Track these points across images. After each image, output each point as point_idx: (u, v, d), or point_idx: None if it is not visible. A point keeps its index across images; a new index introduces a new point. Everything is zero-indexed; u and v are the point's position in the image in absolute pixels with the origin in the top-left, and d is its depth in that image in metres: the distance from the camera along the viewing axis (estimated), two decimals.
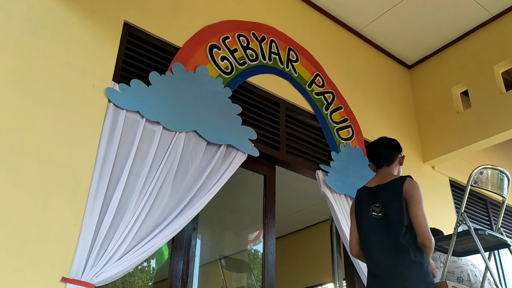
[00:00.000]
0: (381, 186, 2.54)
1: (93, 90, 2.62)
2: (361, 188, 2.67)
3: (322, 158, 3.75)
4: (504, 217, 5.23)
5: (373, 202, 2.52)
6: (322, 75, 4.02)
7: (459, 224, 2.95)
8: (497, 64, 4.44)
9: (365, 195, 2.60)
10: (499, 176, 3.12)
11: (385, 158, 2.66)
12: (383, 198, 2.48)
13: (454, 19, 4.60)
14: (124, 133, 2.63)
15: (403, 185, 2.44)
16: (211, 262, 6.04)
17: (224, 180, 2.96)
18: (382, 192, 2.51)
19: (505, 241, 2.99)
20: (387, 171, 2.64)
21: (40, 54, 2.50)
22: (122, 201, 2.48)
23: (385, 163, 2.67)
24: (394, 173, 2.67)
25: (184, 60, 3.10)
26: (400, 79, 5.09)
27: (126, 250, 2.40)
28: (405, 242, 2.34)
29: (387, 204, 2.45)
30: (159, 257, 5.24)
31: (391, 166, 2.66)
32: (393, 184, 2.49)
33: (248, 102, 3.43)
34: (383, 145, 2.71)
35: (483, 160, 5.05)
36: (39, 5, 2.60)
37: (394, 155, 2.68)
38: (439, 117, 4.77)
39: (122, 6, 2.97)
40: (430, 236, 2.32)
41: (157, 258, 5.31)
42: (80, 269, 2.23)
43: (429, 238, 2.32)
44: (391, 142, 2.73)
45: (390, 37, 4.81)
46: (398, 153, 2.70)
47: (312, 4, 4.37)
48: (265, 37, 3.72)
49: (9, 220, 2.13)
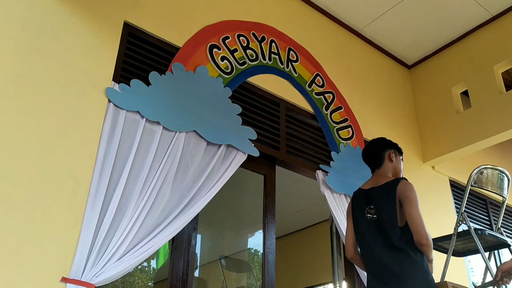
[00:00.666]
0: (375, 188, 2.54)
1: (93, 90, 2.62)
2: (357, 190, 2.67)
3: (322, 158, 3.75)
4: (504, 217, 5.23)
5: (368, 204, 2.52)
6: (322, 75, 4.02)
7: (459, 224, 2.95)
8: (497, 64, 4.44)
9: (360, 197, 2.60)
10: (499, 176, 3.12)
11: (373, 161, 2.69)
12: (377, 200, 2.49)
13: (454, 19, 4.60)
14: (124, 133, 2.63)
15: (397, 187, 2.44)
16: (211, 262, 6.04)
17: (224, 180, 2.96)
18: (376, 194, 2.51)
19: (505, 241, 2.99)
20: (381, 173, 2.65)
21: (40, 54, 2.50)
22: (122, 201, 2.47)
23: (375, 166, 2.69)
24: (388, 173, 2.65)
25: (184, 60, 3.10)
26: (400, 79, 5.09)
27: (126, 250, 2.40)
28: (402, 243, 2.34)
29: (380, 206, 2.46)
30: (161, 256, 5.24)
31: (382, 167, 2.66)
32: (387, 187, 2.49)
33: (248, 102, 3.43)
34: (369, 148, 2.73)
35: (483, 160, 5.05)
36: (39, 5, 2.60)
37: (380, 155, 2.68)
38: (439, 117, 4.77)
39: (122, 6, 2.97)
40: (426, 234, 2.32)
41: (157, 257, 5.31)
42: (80, 269, 2.23)
43: (425, 236, 2.31)
44: (376, 143, 2.74)
45: (390, 37, 4.81)
46: (385, 152, 2.69)
47: (312, 4, 4.37)
48: (265, 37, 3.72)
49: (9, 220, 2.13)
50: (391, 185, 2.47)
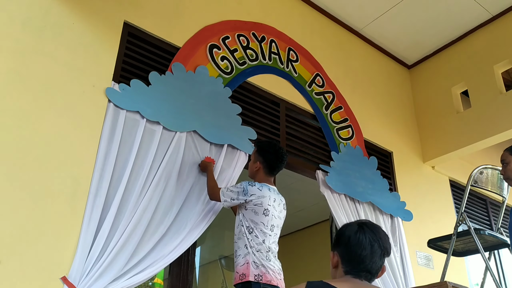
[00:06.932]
0: None
1: (93, 90, 2.62)
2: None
3: (322, 158, 3.75)
4: (504, 217, 5.22)
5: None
6: (322, 75, 4.02)
7: (459, 224, 2.95)
8: (497, 64, 4.44)
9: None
10: (499, 176, 3.12)
11: (371, 267, 1.58)
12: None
13: (454, 19, 4.60)
14: (124, 133, 2.63)
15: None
16: (211, 262, 6.04)
17: (227, 182, 2.98)
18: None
19: (505, 241, 2.99)
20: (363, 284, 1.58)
21: (40, 54, 2.50)
22: (123, 201, 2.47)
23: (369, 274, 1.59)
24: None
25: (184, 60, 3.10)
26: (400, 79, 5.09)
27: (127, 251, 2.40)
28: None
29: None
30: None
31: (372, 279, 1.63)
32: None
33: (248, 102, 3.43)
34: (371, 239, 1.59)
35: (483, 160, 5.04)
36: (39, 5, 2.60)
37: (382, 263, 1.61)
38: (439, 117, 4.77)
39: (122, 6, 2.97)
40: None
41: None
42: (80, 269, 2.22)
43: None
44: (386, 238, 1.64)
45: (390, 37, 4.81)
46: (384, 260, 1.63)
47: (312, 4, 4.37)
48: (265, 37, 3.72)
49: (9, 220, 2.13)
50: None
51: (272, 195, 2.62)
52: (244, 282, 2.38)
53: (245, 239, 2.49)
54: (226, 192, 2.60)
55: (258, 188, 2.57)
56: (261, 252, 2.45)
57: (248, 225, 2.51)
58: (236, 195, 2.56)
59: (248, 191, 2.54)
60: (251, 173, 2.79)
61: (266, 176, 2.72)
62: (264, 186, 2.61)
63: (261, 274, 2.39)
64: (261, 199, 2.54)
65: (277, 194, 2.69)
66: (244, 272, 2.40)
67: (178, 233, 2.63)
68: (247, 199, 2.53)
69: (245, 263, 2.42)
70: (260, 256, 2.43)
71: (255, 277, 2.37)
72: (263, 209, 2.53)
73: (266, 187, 2.61)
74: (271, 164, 2.72)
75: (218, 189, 2.65)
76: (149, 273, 2.44)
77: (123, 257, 2.36)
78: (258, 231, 2.50)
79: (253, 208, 2.53)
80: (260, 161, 2.73)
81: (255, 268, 2.40)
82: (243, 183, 2.58)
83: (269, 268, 2.42)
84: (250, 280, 2.36)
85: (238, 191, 2.56)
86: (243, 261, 2.43)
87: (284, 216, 2.71)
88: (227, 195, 2.59)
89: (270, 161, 2.72)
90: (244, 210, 2.56)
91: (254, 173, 2.76)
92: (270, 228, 2.54)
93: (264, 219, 2.53)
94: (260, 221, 2.52)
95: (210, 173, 2.80)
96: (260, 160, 2.73)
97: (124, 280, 2.34)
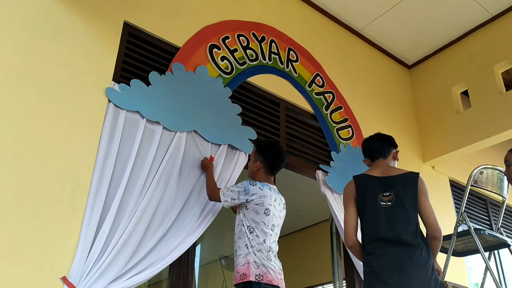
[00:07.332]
0: (395, 177, 2.48)
1: (93, 90, 2.62)
2: (362, 176, 2.57)
3: (322, 158, 3.75)
4: (504, 217, 5.23)
5: (382, 191, 2.44)
6: (322, 75, 4.02)
7: (459, 224, 2.95)
8: (497, 64, 4.44)
9: (371, 183, 2.49)
10: (499, 176, 3.13)
11: (379, 150, 2.64)
12: (398, 189, 2.42)
13: (454, 19, 4.60)
14: (124, 133, 2.63)
15: (418, 180, 2.44)
16: (211, 262, 6.04)
17: (227, 182, 2.98)
18: (397, 183, 2.44)
19: (505, 241, 3.00)
20: (385, 163, 2.62)
21: (40, 54, 2.50)
22: (123, 201, 2.47)
23: (379, 155, 2.64)
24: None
25: (184, 60, 3.10)
26: (400, 79, 5.09)
27: (127, 251, 2.40)
28: (418, 234, 2.33)
29: (402, 196, 2.39)
30: None
31: (387, 159, 2.64)
32: (409, 178, 2.45)
33: (248, 102, 3.43)
34: (377, 138, 2.71)
35: (483, 160, 5.05)
36: (39, 5, 2.60)
37: (388, 148, 2.67)
38: (439, 117, 4.77)
39: (122, 6, 2.97)
40: (440, 228, 2.32)
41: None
42: (80, 269, 2.22)
43: (439, 229, 2.33)
44: (385, 136, 2.73)
45: (390, 37, 4.81)
46: (392, 148, 2.69)
47: (312, 4, 4.37)
48: (265, 37, 3.72)
49: (9, 220, 2.13)
50: (413, 177, 2.45)
51: (273, 195, 2.62)
52: (245, 282, 2.38)
53: (245, 239, 2.49)
54: (227, 192, 2.60)
55: (259, 188, 2.57)
56: (262, 252, 2.45)
57: (249, 224, 2.51)
58: (237, 194, 2.56)
59: (249, 190, 2.54)
60: (251, 173, 2.79)
61: (266, 176, 2.72)
62: (265, 185, 2.61)
63: (262, 274, 2.39)
64: (263, 199, 2.54)
65: (278, 193, 2.69)
66: (244, 272, 2.40)
67: (178, 233, 2.63)
68: (248, 199, 2.53)
69: (245, 263, 2.42)
70: (261, 256, 2.44)
71: (256, 277, 2.37)
72: (264, 209, 2.53)
73: (267, 186, 2.62)
74: (271, 163, 2.73)
75: (218, 189, 2.65)
76: (149, 273, 2.44)
77: (123, 257, 2.36)
78: (259, 230, 2.50)
79: (254, 207, 2.53)
80: (260, 160, 2.73)
81: (256, 268, 2.40)
82: (244, 183, 2.58)
83: (270, 268, 2.42)
84: (251, 280, 2.36)
85: (239, 191, 2.56)
86: (244, 261, 2.43)
87: (284, 216, 2.72)
88: (228, 195, 2.59)
89: (270, 161, 2.73)
90: (245, 210, 2.56)
91: (254, 173, 2.76)
92: (271, 228, 2.54)
93: (265, 218, 2.53)
94: (261, 221, 2.52)
95: (210, 173, 2.80)
96: (260, 159, 2.73)
97: (124, 280, 2.34)
